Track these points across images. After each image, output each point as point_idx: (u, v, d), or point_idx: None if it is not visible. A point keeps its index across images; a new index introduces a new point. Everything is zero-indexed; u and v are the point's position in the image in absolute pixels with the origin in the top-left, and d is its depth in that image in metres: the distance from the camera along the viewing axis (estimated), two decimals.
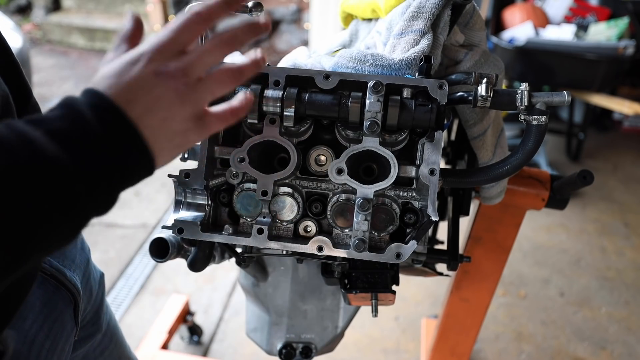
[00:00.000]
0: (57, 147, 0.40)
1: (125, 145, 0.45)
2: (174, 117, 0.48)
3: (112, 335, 0.93)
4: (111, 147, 0.43)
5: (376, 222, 0.73)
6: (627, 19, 2.87)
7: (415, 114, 0.69)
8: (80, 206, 0.42)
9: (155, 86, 0.47)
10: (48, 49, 5.16)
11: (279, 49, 4.88)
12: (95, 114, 0.43)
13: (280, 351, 1.12)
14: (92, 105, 0.44)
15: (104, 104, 0.44)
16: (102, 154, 0.43)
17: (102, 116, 0.44)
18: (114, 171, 0.44)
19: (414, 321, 2.14)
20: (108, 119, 0.44)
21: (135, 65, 0.47)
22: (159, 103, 0.47)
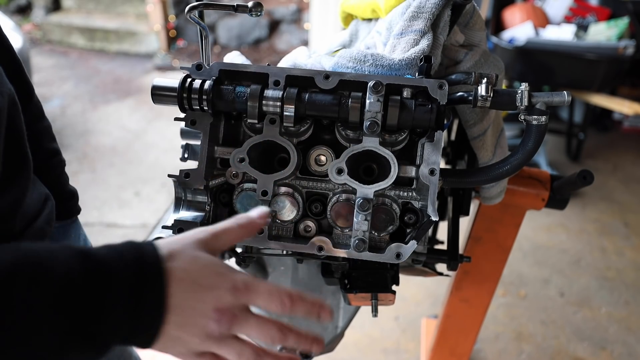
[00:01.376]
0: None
1: (138, 333, 0.47)
2: (186, 343, 0.49)
3: None
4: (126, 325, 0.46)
5: (376, 222, 0.73)
6: (627, 19, 2.87)
7: (415, 114, 0.69)
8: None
9: (203, 314, 0.49)
10: (48, 49, 5.16)
11: (279, 49, 4.88)
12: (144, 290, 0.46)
13: (280, 351, 1.12)
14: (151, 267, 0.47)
15: (160, 282, 0.47)
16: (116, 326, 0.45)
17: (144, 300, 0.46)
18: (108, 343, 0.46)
19: (414, 321, 2.14)
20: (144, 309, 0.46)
21: (216, 286, 0.49)
22: (193, 327, 0.49)
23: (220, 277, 0.50)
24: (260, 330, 0.52)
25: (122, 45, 5.12)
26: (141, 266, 0.46)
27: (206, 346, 0.50)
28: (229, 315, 0.50)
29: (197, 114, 0.73)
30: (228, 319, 0.50)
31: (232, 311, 0.50)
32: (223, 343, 0.50)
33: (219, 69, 0.73)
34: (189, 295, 0.48)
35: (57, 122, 3.67)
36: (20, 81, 0.69)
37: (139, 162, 3.31)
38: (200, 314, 0.49)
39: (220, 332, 0.50)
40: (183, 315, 0.48)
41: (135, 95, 4.24)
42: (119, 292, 0.45)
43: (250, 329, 0.51)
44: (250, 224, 0.56)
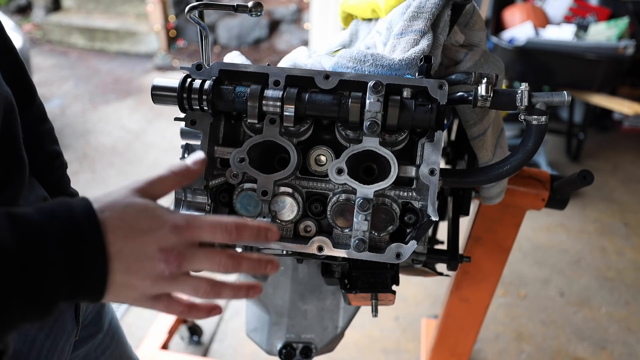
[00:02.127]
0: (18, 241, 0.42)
1: (85, 286, 0.46)
2: (137, 288, 0.49)
3: (113, 334, 0.93)
4: (69, 278, 0.45)
5: (376, 222, 0.73)
6: (627, 19, 2.87)
7: (415, 114, 0.69)
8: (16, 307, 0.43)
9: (149, 258, 0.49)
10: (48, 49, 5.16)
11: (279, 49, 4.88)
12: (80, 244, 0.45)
13: (280, 351, 1.12)
14: (84, 221, 0.46)
15: (95, 234, 0.46)
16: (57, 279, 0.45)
17: (81, 252, 0.45)
18: (54, 298, 0.45)
19: (414, 321, 2.14)
20: (84, 261, 0.46)
21: (151, 232, 0.49)
22: (139, 272, 0.48)
23: (158, 219, 0.50)
24: (211, 261, 0.52)
25: (122, 45, 5.12)
26: (73, 221, 0.46)
27: (159, 288, 0.50)
28: (176, 254, 0.50)
29: (197, 114, 0.73)
30: (175, 257, 0.49)
31: (177, 249, 0.50)
32: (176, 281, 0.50)
33: (219, 69, 0.73)
34: (129, 241, 0.48)
35: (57, 122, 3.67)
36: (22, 83, 0.69)
37: (139, 162, 3.31)
38: (145, 257, 0.48)
39: (170, 272, 0.49)
40: (127, 261, 0.48)
41: (135, 95, 4.24)
42: (53, 249, 0.44)
43: (200, 263, 0.51)
44: (184, 171, 0.55)
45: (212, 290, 0.52)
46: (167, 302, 0.52)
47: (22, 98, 0.66)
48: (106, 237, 0.47)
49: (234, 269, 0.52)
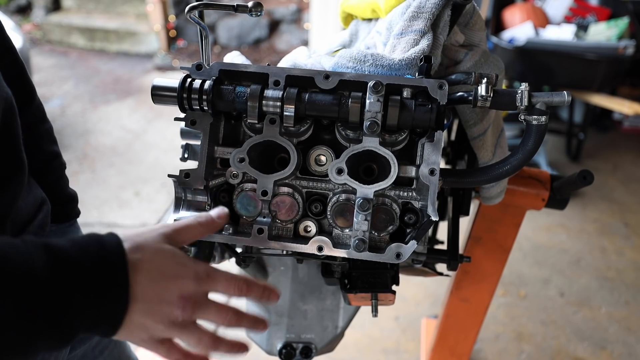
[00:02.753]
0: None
1: (103, 320, 0.48)
2: (149, 329, 0.52)
3: None
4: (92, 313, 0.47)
5: (376, 222, 0.73)
6: (627, 19, 2.87)
7: (415, 114, 0.69)
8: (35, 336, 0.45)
9: (168, 303, 0.51)
10: (48, 49, 5.16)
11: (279, 49, 4.88)
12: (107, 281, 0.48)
13: (280, 351, 1.12)
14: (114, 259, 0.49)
15: (123, 273, 0.49)
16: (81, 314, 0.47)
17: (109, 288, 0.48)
18: (76, 330, 0.47)
19: (414, 321, 2.14)
20: (109, 297, 0.48)
21: (179, 277, 0.52)
22: (156, 315, 0.51)
23: (183, 267, 0.53)
24: (220, 315, 0.55)
25: (122, 45, 5.12)
26: (103, 257, 0.48)
27: (169, 333, 0.52)
28: (192, 302, 0.52)
29: (197, 114, 0.73)
30: (191, 306, 0.52)
31: (195, 298, 0.53)
32: (185, 329, 0.53)
33: (219, 69, 0.73)
34: (154, 284, 0.50)
35: (57, 122, 3.67)
36: (22, 83, 0.69)
37: (139, 162, 3.31)
38: (166, 302, 0.51)
39: (183, 319, 0.52)
40: (149, 303, 0.50)
41: (135, 95, 4.24)
42: (82, 282, 0.46)
43: (210, 314, 0.55)
44: (210, 222, 0.59)
45: (213, 345, 0.55)
46: (169, 347, 0.54)
47: (21, 98, 0.65)
48: (133, 278, 0.49)
49: (236, 324, 0.57)
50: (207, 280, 0.54)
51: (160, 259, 0.52)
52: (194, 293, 0.53)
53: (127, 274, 0.49)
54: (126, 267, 0.49)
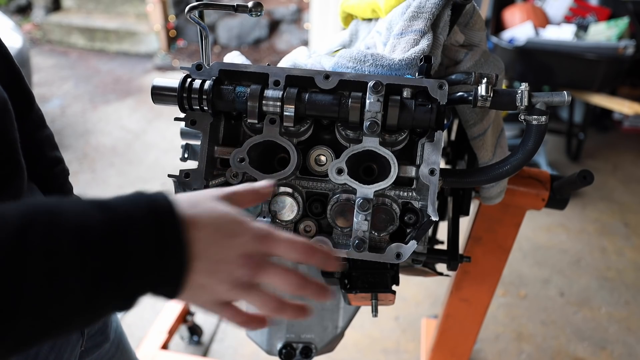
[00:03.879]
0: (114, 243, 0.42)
1: (164, 280, 0.46)
2: (213, 291, 0.49)
3: (118, 343, 0.92)
4: (152, 271, 0.45)
5: (376, 222, 0.73)
6: (627, 19, 2.87)
7: (415, 114, 0.69)
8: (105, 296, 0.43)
9: (231, 262, 0.49)
10: (48, 49, 5.16)
11: (279, 49, 4.88)
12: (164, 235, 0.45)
13: (280, 351, 1.12)
14: (168, 228, 0.45)
15: (177, 236, 0.46)
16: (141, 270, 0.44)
17: (166, 246, 0.45)
18: (138, 288, 0.45)
19: (414, 321, 2.14)
20: (167, 255, 0.45)
21: (236, 236, 0.49)
22: (220, 274, 0.48)
23: (242, 225, 0.50)
24: (283, 278, 0.52)
25: (122, 45, 5.12)
26: (157, 212, 0.46)
27: (233, 294, 0.50)
28: (255, 262, 0.50)
29: (197, 114, 0.73)
30: (254, 265, 0.50)
31: (256, 258, 0.50)
32: (249, 291, 0.51)
33: (219, 69, 0.73)
34: (214, 241, 0.48)
35: (57, 122, 3.67)
36: (19, 90, 0.68)
37: (139, 162, 3.31)
38: (228, 260, 0.49)
39: (247, 279, 0.50)
40: (210, 261, 0.48)
41: (135, 95, 4.24)
42: (140, 239, 0.44)
43: (274, 276, 0.51)
44: (257, 191, 0.57)
45: (278, 308, 0.52)
46: (233, 311, 0.52)
47: (19, 105, 0.65)
48: (192, 235, 0.47)
49: (301, 290, 0.53)
50: (267, 240, 0.51)
51: (218, 216, 0.49)
52: (256, 252, 0.50)
53: (186, 231, 0.46)
54: (184, 224, 0.46)
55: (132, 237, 0.43)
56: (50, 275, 0.40)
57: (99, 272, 0.42)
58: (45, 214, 0.41)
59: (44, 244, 0.40)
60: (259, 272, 0.50)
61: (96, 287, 0.42)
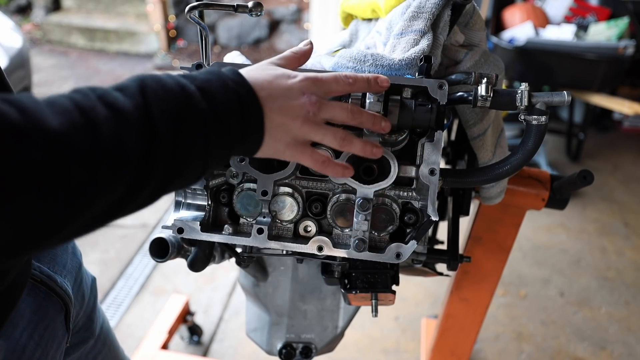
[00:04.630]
0: (206, 106, 0.50)
1: (252, 124, 0.55)
2: (290, 128, 0.58)
3: (105, 339, 0.92)
4: (241, 119, 0.53)
5: (376, 222, 0.73)
6: (627, 19, 2.87)
7: (415, 114, 0.69)
8: (208, 152, 0.51)
9: (295, 99, 0.57)
10: (48, 49, 5.17)
11: (279, 49, 4.88)
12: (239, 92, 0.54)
13: (280, 351, 1.12)
14: (238, 84, 0.54)
15: (247, 89, 0.55)
16: (233, 122, 0.52)
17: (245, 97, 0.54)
18: (236, 135, 0.53)
19: (414, 321, 2.14)
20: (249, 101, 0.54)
21: (291, 78, 0.58)
22: (290, 111, 0.57)
23: (292, 73, 0.59)
24: (343, 108, 0.61)
25: (122, 45, 5.12)
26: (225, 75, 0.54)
27: (307, 130, 0.58)
28: (315, 98, 0.58)
29: None
30: (316, 100, 0.58)
31: (316, 96, 0.59)
32: (320, 127, 0.59)
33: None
34: (274, 85, 0.56)
35: None
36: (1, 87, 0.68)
37: None
38: (292, 97, 0.57)
39: (314, 112, 0.58)
40: (277, 101, 0.56)
41: None
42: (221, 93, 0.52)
43: (334, 109, 0.60)
44: (302, 51, 0.67)
45: (347, 138, 0.61)
46: (312, 152, 0.61)
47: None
48: (258, 84, 0.55)
49: (358, 115, 0.62)
50: (317, 80, 0.59)
51: (271, 69, 0.58)
52: (315, 91, 0.58)
53: (248, 83, 0.54)
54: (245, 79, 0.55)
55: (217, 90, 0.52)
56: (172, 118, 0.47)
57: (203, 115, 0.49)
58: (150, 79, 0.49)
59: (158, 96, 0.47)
60: (321, 107, 0.59)
61: (203, 126, 0.49)
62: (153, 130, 0.45)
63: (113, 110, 0.43)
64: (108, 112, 0.43)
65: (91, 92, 0.44)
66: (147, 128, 0.45)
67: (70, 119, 0.40)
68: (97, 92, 0.44)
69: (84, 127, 0.40)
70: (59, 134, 0.38)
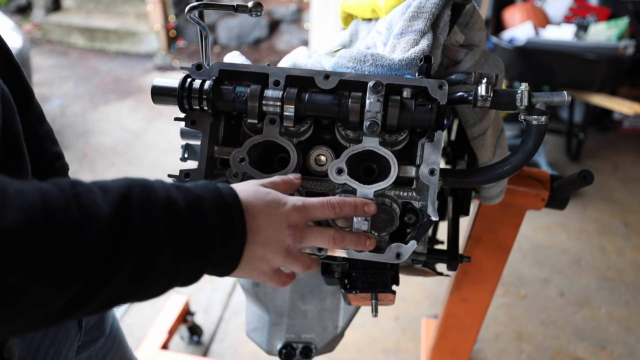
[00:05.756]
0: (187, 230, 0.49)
1: (231, 255, 0.54)
2: (269, 260, 0.58)
3: (114, 338, 0.93)
4: (222, 250, 0.52)
5: (376, 222, 0.73)
6: (627, 19, 2.87)
7: (415, 114, 0.69)
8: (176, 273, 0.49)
9: (280, 231, 0.57)
10: (48, 49, 5.16)
11: (279, 49, 4.88)
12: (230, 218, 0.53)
13: (280, 351, 1.12)
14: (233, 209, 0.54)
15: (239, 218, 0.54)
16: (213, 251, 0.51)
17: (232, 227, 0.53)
18: (211, 262, 0.52)
19: (414, 321, 2.14)
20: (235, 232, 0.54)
21: (280, 207, 0.58)
22: (273, 244, 0.57)
23: (282, 199, 0.59)
24: (324, 236, 0.62)
25: (122, 45, 5.12)
26: (222, 196, 0.53)
27: (285, 261, 0.59)
28: (299, 230, 0.59)
29: (197, 114, 0.73)
30: (299, 233, 0.59)
31: (300, 226, 0.59)
32: (297, 257, 0.61)
33: (219, 69, 0.73)
34: (264, 217, 0.56)
35: (57, 122, 3.67)
36: (19, 84, 0.69)
37: (139, 162, 3.31)
38: (278, 231, 0.57)
39: (294, 245, 0.59)
40: (264, 234, 0.56)
41: (135, 95, 4.24)
42: (212, 217, 0.51)
43: (315, 238, 0.61)
44: (289, 182, 0.67)
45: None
46: (280, 276, 0.63)
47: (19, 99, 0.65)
48: (247, 214, 0.54)
49: (340, 242, 0.63)
50: (304, 207, 0.59)
51: (263, 194, 0.58)
52: (299, 221, 0.59)
53: (242, 209, 0.54)
54: (241, 205, 0.54)
55: (206, 216, 0.50)
56: (147, 234, 0.45)
57: (183, 242, 0.48)
58: (140, 187, 0.48)
59: (141, 209, 0.46)
60: (304, 238, 0.59)
61: (180, 255, 0.48)
62: (119, 245, 0.43)
63: (83, 215, 0.41)
64: (77, 216, 0.41)
65: (70, 189, 0.42)
66: (114, 241, 0.43)
67: (28, 218, 0.38)
68: (76, 190, 0.43)
69: (40, 231, 0.39)
70: (9, 233, 0.37)
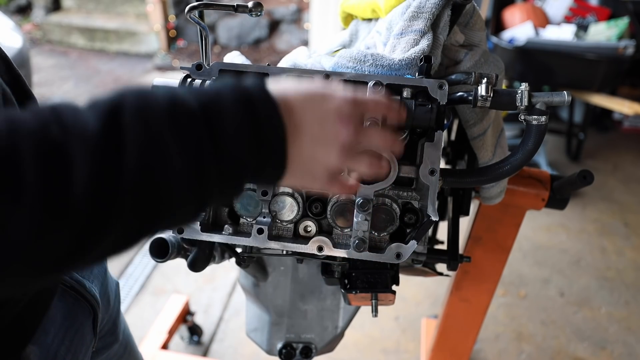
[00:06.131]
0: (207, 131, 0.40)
1: (272, 157, 0.45)
2: (321, 161, 0.48)
3: (126, 344, 0.93)
4: (256, 151, 0.43)
5: (376, 222, 0.73)
6: (627, 19, 2.87)
7: (415, 114, 0.69)
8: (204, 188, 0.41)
9: (331, 126, 0.48)
10: (48, 49, 5.16)
11: (279, 49, 4.88)
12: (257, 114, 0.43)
13: (280, 351, 1.12)
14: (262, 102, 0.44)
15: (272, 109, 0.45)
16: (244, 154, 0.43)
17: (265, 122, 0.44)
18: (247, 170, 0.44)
19: (414, 321, 2.14)
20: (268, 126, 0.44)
21: (330, 100, 0.48)
22: (322, 140, 0.47)
23: (329, 92, 0.49)
24: (379, 136, 0.52)
25: (122, 45, 5.12)
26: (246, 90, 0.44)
27: (344, 160, 0.49)
28: (353, 123, 0.49)
29: None
30: (353, 126, 0.49)
31: (353, 120, 0.49)
32: (355, 157, 0.50)
33: (219, 69, 0.73)
34: (308, 112, 0.46)
35: None
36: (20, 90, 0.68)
37: None
38: (329, 125, 0.47)
39: (350, 140, 0.48)
40: (310, 130, 0.46)
41: None
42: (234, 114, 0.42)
43: (371, 136, 0.51)
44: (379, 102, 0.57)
45: (380, 165, 0.54)
46: (341, 182, 0.52)
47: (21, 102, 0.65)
48: (282, 108, 0.45)
49: (392, 145, 0.54)
50: (355, 101, 0.50)
51: (303, 89, 0.48)
52: (350, 114, 0.49)
53: (275, 105, 0.44)
54: (272, 98, 0.44)
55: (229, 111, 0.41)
56: (148, 145, 0.37)
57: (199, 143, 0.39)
58: (134, 92, 0.40)
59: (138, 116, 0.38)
60: (358, 132, 0.49)
61: (198, 156, 0.39)
62: (113, 163, 0.35)
63: (63, 133, 0.34)
64: (56, 135, 0.34)
65: (49, 111, 0.36)
66: (106, 159, 0.35)
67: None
68: (57, 111, 0.36)
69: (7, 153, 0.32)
70: None
